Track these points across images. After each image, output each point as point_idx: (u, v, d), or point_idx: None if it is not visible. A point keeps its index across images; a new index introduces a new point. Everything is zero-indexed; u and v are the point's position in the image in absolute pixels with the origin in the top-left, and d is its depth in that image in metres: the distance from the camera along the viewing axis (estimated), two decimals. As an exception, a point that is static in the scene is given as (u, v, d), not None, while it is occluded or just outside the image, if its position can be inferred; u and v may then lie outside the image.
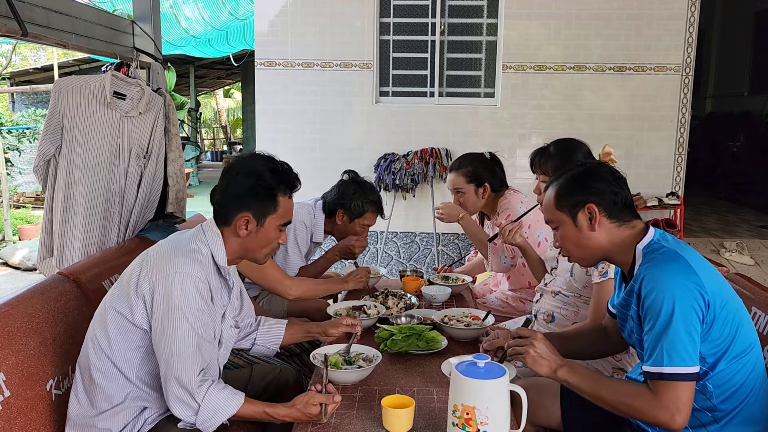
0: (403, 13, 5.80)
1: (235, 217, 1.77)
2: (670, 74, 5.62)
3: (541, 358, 1.61)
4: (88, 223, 2.68)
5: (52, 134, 2.63)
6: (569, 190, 1.66)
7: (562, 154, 2.31)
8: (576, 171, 1.69)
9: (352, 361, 1.95)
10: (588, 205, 1.62)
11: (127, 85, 2.74)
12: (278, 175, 1.80)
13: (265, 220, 1.79)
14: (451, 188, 3.00)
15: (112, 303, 1.73)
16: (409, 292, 2.69)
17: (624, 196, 1.65)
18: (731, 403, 1.54)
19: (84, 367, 1.75)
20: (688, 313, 1.45)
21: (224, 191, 1.80)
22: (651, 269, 1.52)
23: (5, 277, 6.30)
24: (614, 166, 2.19)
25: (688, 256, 1.54)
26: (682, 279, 1.48)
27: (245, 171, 1.79)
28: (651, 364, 1.47)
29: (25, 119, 10.81)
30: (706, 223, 6.81)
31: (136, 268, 1.72)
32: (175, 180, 2.94)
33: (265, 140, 5.91)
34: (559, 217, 1.68)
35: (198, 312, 1.66)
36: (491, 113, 5.78)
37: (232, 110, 25.20)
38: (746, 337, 1.55)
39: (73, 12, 2.84)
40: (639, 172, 5.69)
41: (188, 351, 1.62)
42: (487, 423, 1.45)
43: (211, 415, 1.62)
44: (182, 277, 1.64)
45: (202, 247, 1.75)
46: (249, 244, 1.81)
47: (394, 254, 6.07)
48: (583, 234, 1.65)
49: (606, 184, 1.64)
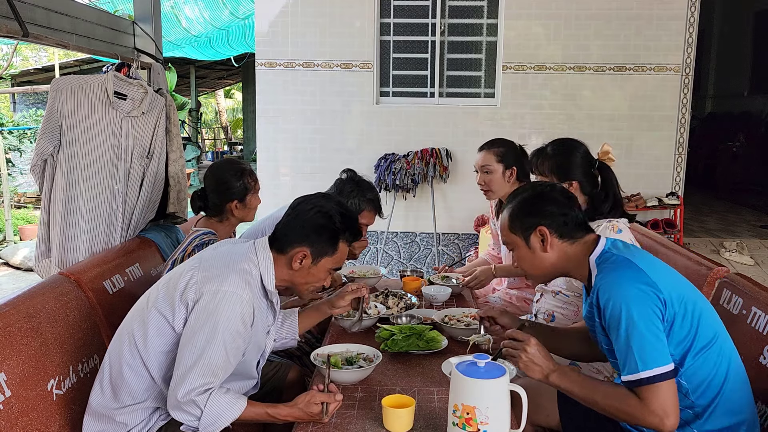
0: (403, 14, 5.81)
1: (294, 249, 1.80)
2: (670, 74, 5.63)
3: (533, 363, 1.63)
4: (92, 224, 2.68)
5: (51, 133, 2.63)
6: (521, 214, 1.72)
7: (560, 155, 2.30)
8: (527, 194, 1.75)
9: (353, 361, 1.96)
10: (539, 227, 1.68)
11: (128, 86, 2.74)
12: (347, 222, 1.84)
13: (321, 260, 1.82)
14: (478, 166, 2.92)
15: (156, 303, 1.74)
16: (410, 292, 2.69)
17: (574, 216, 1.70)
18: (707, 396, 1.56)
19: (115, 360, 1.77)
20: (647, 314, 1.49)
21: (290, 221, 1.83)
22: (604, 279, 1.57)
23: (6, 277, 6.30)
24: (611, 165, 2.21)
25: (638, 260, 1.59)
26: (634, 283, 1.52)
27: (317, 209, 1.82)
28: (627, 373, 1.50)
29: (26, 120, 10.82)
30: (706, 223, 6.81)
31: (186, 273, 1.74)
32: (177, 180, 2.94)
33: (265, 140, 5.92)
34: (514, 239, 1.74)
35: (236, 334, 1.67)
36: (491, 113, 5.78)
37: (232, 110, 25.20)
38: (708, 329, 1.57)
39: (74, 12, 2.85)
40: (639, 172, 5.70)
41: (211, 367, 1.63)
42: (488, 423, 1.45)
43: (213, 420, 1.63)
44: (231, 297, 1.66)
45: (252, 269, 1.77)
46: (297, 279, 1.84)
47: (395, 254, 6.07)
48: (536, 255, 1.71)
49: (556, 207, 1.70)
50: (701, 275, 2.17)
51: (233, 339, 1.67)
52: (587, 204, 2.21)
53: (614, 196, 2.18)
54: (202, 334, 1.64)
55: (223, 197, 2.42)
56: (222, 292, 1.66)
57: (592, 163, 2.22)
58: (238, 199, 2.43)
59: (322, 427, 1.64)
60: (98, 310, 2.15)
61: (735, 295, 1.99)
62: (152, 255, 2.76)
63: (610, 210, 2.17)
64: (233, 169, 2.45)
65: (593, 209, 2.19)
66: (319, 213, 1.81)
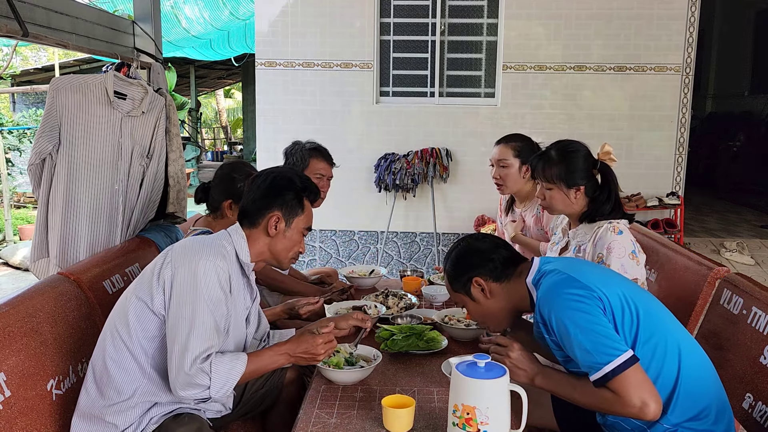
0: (403, 14, 5.80)
1: (265, 216, 1.87)
2: (670, 74, 5.63)
3: (517, 368, 1.67)
4: (93, 224, 2.67)
5: (50, 132, 2.62)
6: (455, 274, 1.80)
7: (566, 161, 2.20)
8: (454, 254, 1.82)
9: (353, 362, 1.96)
10: (474, 279, 1.76)
11: (127, 85, 2.74)
12: (305, 182, 1.94)
13: (293, 221, 1.89)
14: (495, 160, 2.88)
15: (135, 291, 1.79)
16: (410, 292, 2.69)
17: (501, 257, 1.76)
18: (665, 389, 1.56)
19: (98, 359, 1.79)
20: (590, 312, 1.54)
21: (253, 195, 1.89)
22: (542, 295, 1.65)
23: (6, 277, 6.31)
24: (612, 165, 2.20)
25: (568, 269, 1.65)
26: (568, 290, 1.58)
27: (274, 175, 1.92)
28: (593, 373, 1.53)
29: (26, 119, 10.81)
30: (707, 223, 6.81)
31: (160, 259, 1.80)
32: (176, 180, 2.94)
33: (265, 140, 5.91)
34: (459, 297, 1.82)
35: (217, 301, 1.72)
36: (491, 113, 5.78)
37: (232, 110, 25.19)
38: (650, 320, 1.59)
39: (74, 12, 2.84)
40: (639, 172, 5.70)
41: (206, 332, 1.67)
42: (488, 423, 1.45)
43: (223, 383, 1.67)
44: (205, 265, 1.72)
45: (226, 245, 1.84)
46: (276, 245, 1.90)
47: (395, 254, 6.07)
48: (483, 305, 1.78)
49: (481, 255, 1.77)
50: (701, 275, 2.17)
51: (216, 306, 1.72)
52: (589, 206, 2.20)
53: (615, 196, 2.17)
54: (187, 306, 1.68)
55: (222, 194, 2.45)
56: (196, 262, 1.72)
57: (594, 165, 2.20)
58: (233, 200, 2.43)
59: (322, 426, 1.64)
60: (98, 310, 2.15)
61: (735, 295, 1.99)
62: (152, 255, 2.75)
63: (611, 211, 2.16)
64: (242, 171, 2.47)
65: (595, 210, 2.17)
66: (277, 177, 1.90)
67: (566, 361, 1.68)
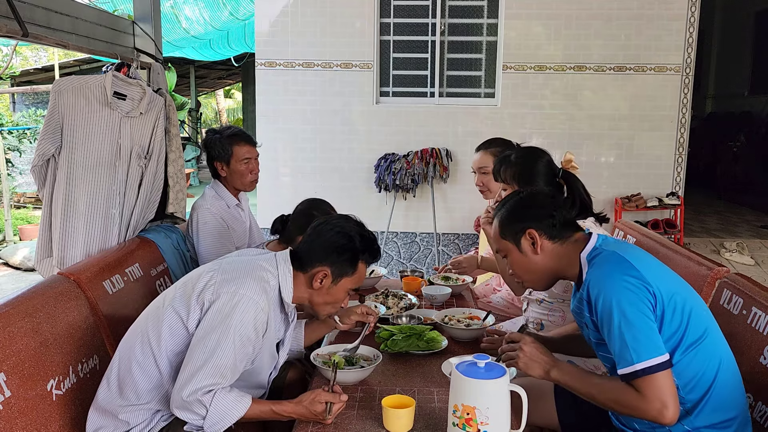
0: (403, 14, 5.81)
1: (314, 268, 1.82)
2: (670, 74, 5.63)
3: (532, 361, 1.65)
4: (89, 224, 2.67)
5: (52, 134, 2.63)
6: (510, 220, 1.74)
7: (523, 163, 2.27)
8: (515, 200, 1.78)
9: (354, 362, 1.96)
10: (528, 230, 1.70)
11: (127, 86, 2.74)
12: (366, 243, 1.87)
13: (340, 281, 1.84)
14: (475, 168, 2.90)
15: (173, 302, 1.76)
16: (410, 292, 2.69)
17: (562, 216, 1.72)
18: (697, 392, 1.56)
19: (125, 357, 1.78)
20: (638, 306, 1.50)
21: (310, 242, 1.86)
22: (594, 273, 1.59)
23: (6, 278, 6.30)
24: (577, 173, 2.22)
25: (629, 254, 1.60)
26: (624, 276, 1.53)
27: (338, 229, 1.85)
28: (623, 366, 1.50)
29: (26, 119, 10.82)
30: (707, 223, 6.81)
31: (205, 275, 1.76)
32: (176, 180, 2.94)
33: (265, 140, 5.90)
34: (505, 245, 1.75)
35: (246, 340, 1.69)
36: (491, 113, 5.78)
37: (232, 110, 25.19)
38: (699, 326, 1.57)
39: (74, 12, 2.84)
40: (639, 172, 5.70)
41: (219, 369, 1.64)
42: (488, 423, 1.45)
43: (219, 419, 1.64)
44: (247, 302, 1.68)
45: (271, 279, 1.79)
46: (317, 298, 1.86)
47: (395, 254, 6.07)
48: (528, 259, 1.72)
49: (543, 209, 1.72)
50: (701, 275, 2.17)
51: (243, 344, 1.68)
52: None
53: (581, 201, 2.17)
54: (214, 335, 1.65)
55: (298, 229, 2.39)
56: (239, 295, 1.68)
57: (555, 173, 2.22)
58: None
59: (322, 427, 1.64)
60: (98, 310, 2.15)
61: (735, 295, 1.99)
62: (152, 255, 2.75)
63: (577, 215, 2.17)
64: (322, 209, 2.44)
65: None
66: (339, 233, 1.84)
67: (598, 344, 1.64)
